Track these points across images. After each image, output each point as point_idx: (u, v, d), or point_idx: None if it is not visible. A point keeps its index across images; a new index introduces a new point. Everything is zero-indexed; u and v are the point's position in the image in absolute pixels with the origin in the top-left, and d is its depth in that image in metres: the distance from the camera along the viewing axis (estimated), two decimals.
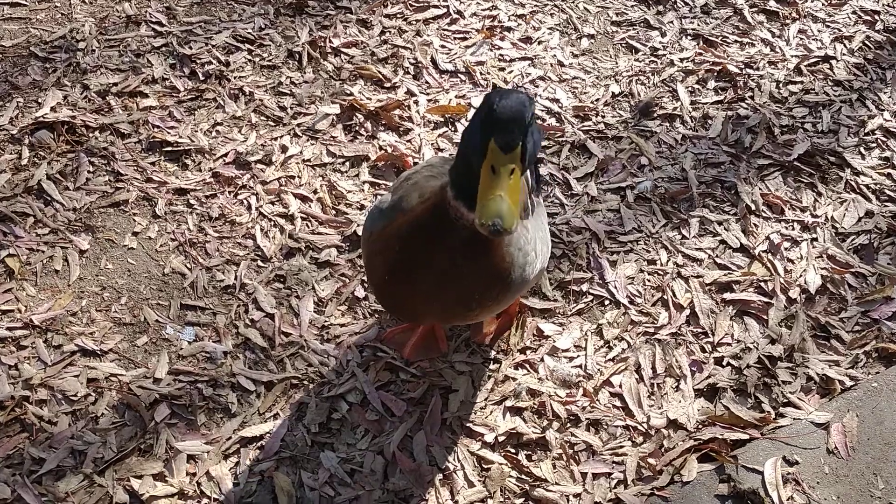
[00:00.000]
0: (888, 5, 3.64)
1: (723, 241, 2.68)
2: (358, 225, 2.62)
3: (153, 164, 2.77)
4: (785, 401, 2.27)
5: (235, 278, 2.48)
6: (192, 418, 2.17)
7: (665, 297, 2.51)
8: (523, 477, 2.09)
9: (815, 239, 2.70)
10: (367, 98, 3.05)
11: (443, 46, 3.31)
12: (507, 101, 1.43)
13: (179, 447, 2.10)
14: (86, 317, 2.37)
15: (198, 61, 3.11)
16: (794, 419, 2.21)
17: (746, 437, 2.17)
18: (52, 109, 2.87)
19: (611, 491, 2.08)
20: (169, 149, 2.82)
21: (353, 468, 2.09)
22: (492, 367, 2.31)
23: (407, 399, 2.22)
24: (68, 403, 2.18)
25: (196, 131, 2.88)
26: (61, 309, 2.37)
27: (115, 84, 3.00)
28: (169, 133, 2.85)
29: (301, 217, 2.66)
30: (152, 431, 2.14)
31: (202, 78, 3.07)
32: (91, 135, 2.82)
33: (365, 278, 2.49)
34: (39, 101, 2.91)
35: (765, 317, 2.47)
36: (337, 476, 2.07)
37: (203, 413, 2.19)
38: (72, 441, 2.10)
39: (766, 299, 2.51)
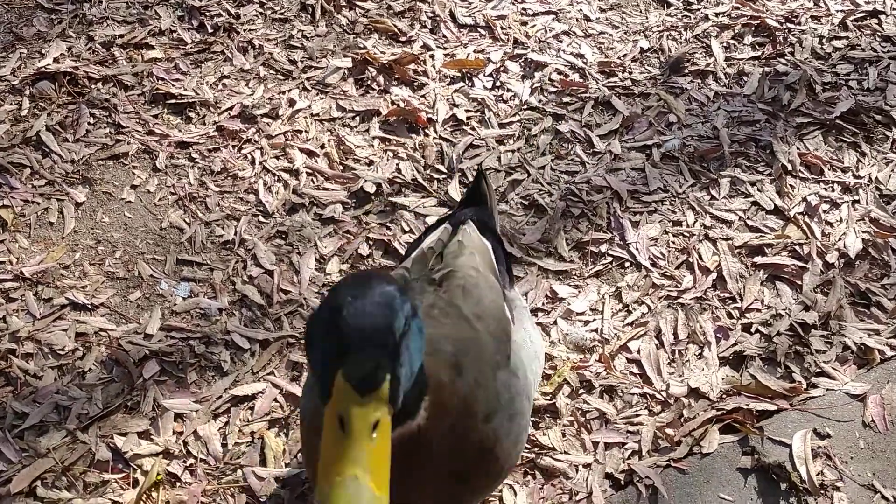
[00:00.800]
0: None
1: (755, 203, 2.49)
2: (365, 181, 2.48)
3: (155, 116, 2.67)
4: (818, 370, 2.09)
5: (235, 234, 2.37)
6: (181, 376, 2.07)
7: (690, 259, 2.34)
8: (527, 445, 1.94)
9: (857, 201, 2.50)
10: (381, 52, 2.90)
11: (462, 0, 3.15)
12: (362, 302, 0.82)
13: (167, 405, 2.00)
14: (78, 270, 2.28)
15: (207, 14, 3.00)
16: (828, 390, 2.03)
17: (774, 408, 2.00)
18: (55, 60, 2.77)
19: (624, 462, 1.93)
20: (173, 101, 2.70)
21: None
22: None
23: None
24: (55, 357, 2.08)
25: (202, 84, 2.76)
26: (53, 262, 2.27)
27: (121, 36, 2.90)
28: (173, 86, 2.74)
29: (306, 172, 2.53)
30: (140, 388, 2.03)
31: (211, 31, 2.95)
32: (93, 86, 2.72)
33: (372, 236, 2.37)
34: (43, 52, 2.82)
35: (799, 282, 2.29)
36: None
37: (194, 371, 2.08)
38: (56, 396, 2.00)
39: (800, 264, 2.32)
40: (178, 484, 1.88)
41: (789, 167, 2.57)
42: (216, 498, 1.86)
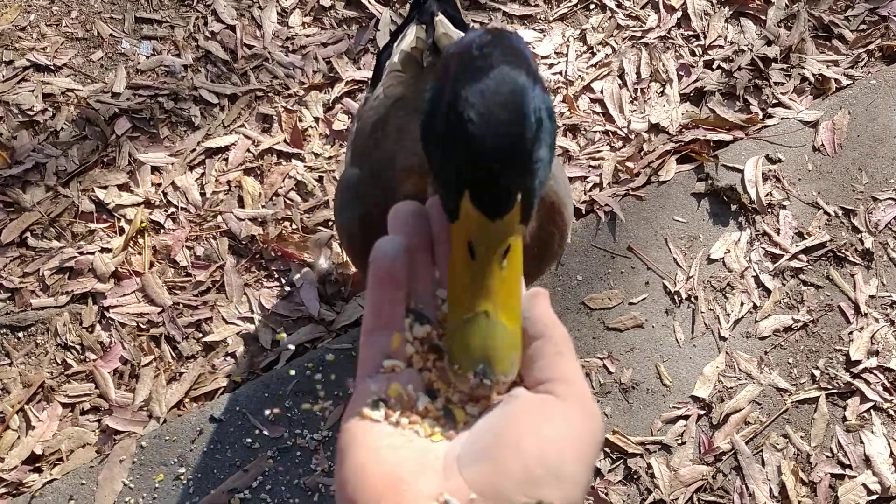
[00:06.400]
0: None
1: None
2: None
3: None
4: (775, 102, 2.15)
5: None
6: (154, 131, 2.10)
7: None
8: None
9: None
10: None
11: None
12: (489, 104, 0.63)
13: (143, 159, 2.05)
14: (35, 32, 2.23)
15: None
16: (783, 119, 2.10)
17: (730, 138, 2.08)
18: None
19: (586, 194, 2.03)
20: None
21: (321, 175, 2.04)
22: None
23: None
24: (25, 118, 2.10)
25: None
26: (8, 24, 2.22)
27: None
28: None
29: None
30: (114, 145, 2.07)
31: None
32: None
33: None
34: None
35: (763, 17, 2.29)
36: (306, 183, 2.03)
37: (165, 126, 2.11)
38: (33, 154, 2.05)
39: None
40: (161, 231, 1.98)
41: None
42: (199, 241, 1.97)
